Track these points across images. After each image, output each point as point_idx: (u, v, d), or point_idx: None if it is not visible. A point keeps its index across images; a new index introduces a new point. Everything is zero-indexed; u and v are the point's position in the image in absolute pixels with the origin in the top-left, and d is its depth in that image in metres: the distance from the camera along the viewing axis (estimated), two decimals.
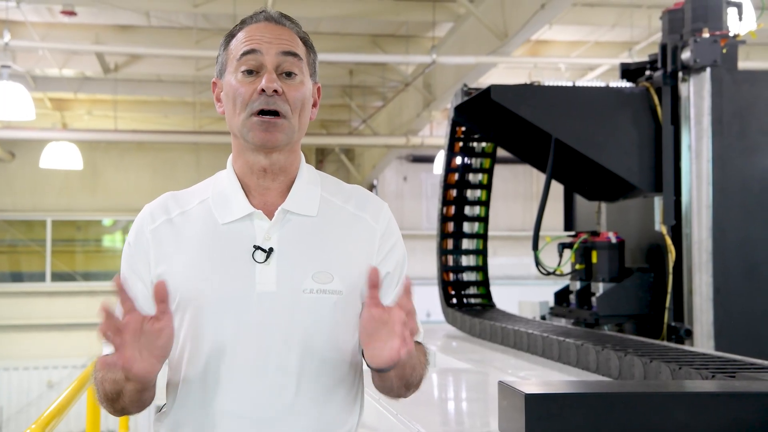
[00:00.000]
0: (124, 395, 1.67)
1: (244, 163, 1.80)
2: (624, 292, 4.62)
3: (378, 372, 1.71)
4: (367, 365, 1.73)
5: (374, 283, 1.60)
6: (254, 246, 1.74)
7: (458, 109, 5.19)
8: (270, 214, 1.77)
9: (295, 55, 1.76)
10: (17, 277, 14.34)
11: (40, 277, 14.08)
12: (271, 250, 1.73)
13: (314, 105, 1.85)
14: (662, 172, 4.50)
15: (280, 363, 1.70)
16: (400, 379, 1.75)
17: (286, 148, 1.78)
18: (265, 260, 1.73)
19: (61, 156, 11.41)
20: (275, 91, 1.72)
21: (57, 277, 14.08)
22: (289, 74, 1.75)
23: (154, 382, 1.67)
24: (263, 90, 1.72)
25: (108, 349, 1.77)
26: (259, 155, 1.77)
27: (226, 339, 1.70)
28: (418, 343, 1.87)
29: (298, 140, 1.81)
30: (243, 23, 1.80)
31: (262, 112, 1.73)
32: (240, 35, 1.78)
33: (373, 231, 1.83)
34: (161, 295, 1.58)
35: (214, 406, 1.71)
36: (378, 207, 1.87)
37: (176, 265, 1.74)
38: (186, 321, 1.72)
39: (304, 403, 1.72)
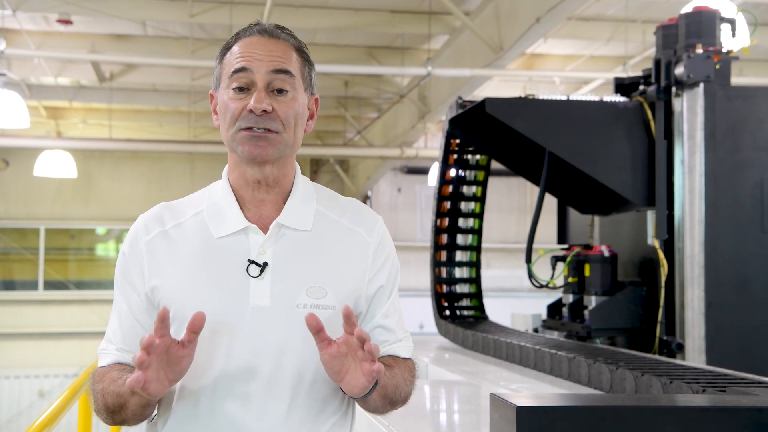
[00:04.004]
0: (127, 409, 1.68)
1: (239, 176, 1.80)
2: (616, 306, 4.62)
3: (360, 398, 1.71)
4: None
5: (317, 329, 1.60)
6: (248, 260, 1.74)
7: (453, 122, 5.20)
8: (265, 228, 1.77)
9: (286, 72, 1.75)
10: (9, 285, 14.29)
11: (32, 286, 14.05)
12: (265, 264, 1.73)
13: (311, 117, 1.85)
14: (655, 187, 4.52)
15: (273, 377, 1.70)
16: (383, 399, 1.75)
17: (280, 161, 1.78)
18: (260, 275, 1.73)
19: (56, 164, 11.41)
20: (264, 110, 1.72)
21: (49, 285, 14.05)
22: (280, 91, 1.75)
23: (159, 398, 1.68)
24: (252, 110, 1.72)
25: (105, 360, 1.77)
26: (253, 167, 1.77)
27: (219, 354, 1.70)
28: (406, 358, 1.87)
29: (291, 154, 1.81)
30: (237, 36, 1.80)
31: (251, 128, 1.73)
32: (234, 49, 1.78)
33: (367, 245, 1.83)
34: (196, 327, 1.58)
35: (207, 420, 1.71)
36: (372, 221, 1.87)
37: (171, 278, 1.74)
38: (180, 335, 1.72)
39: (297, 416, 1.72)
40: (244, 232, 1.76)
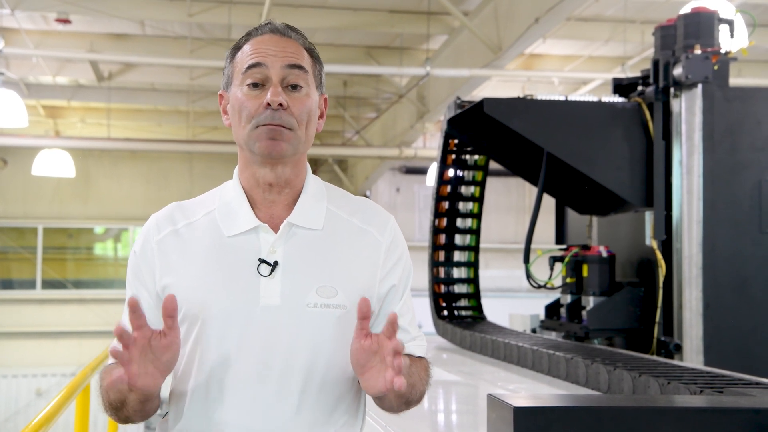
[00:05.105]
0: (128, 405, 1.69)
1: (250, 176, 1.80)
2: (614, 306, 4.63)
3: (377, 397, 1.71)
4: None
5: (364, 314, 1.59)
6: (259, 259, 1.73)
7: (451, 122, 5.20)
8: (276, 228, 1.77)
9: (300, 67, 1.76)
10: (7, 284, 14.29)
11: (30, 285, 14.04)
12: (276, 263, 1.73)
13: (321, 116, 1.85)
14: (653, 187, 4.52)
15: (282, 376, 1.70)
16: (399, 399, 1.76)
17: (292, 160, 1.78)
18: (270, 274, 1.72)
19: (54, 163, 11.41)
20: (280, 104, 1.72)
21: (47, 284, 14.05)
22: (294, 87, 1.75)
23: (158, 393, 1.68)
24: (269, 104, 1.72)
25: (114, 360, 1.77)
26: (264, 168, 1.77)
27: (229, 352, 1.70)
28: (420, 357, 1.87)
29: (304, 152, 1.81)
30: (248, 35, 1.80)
31: (267, 125, 1.73)
32: (246, 48, 1.78)
33: (379, 244, 1.82)
34: (170, 310, 1.58)
35: (216, 418, 1.71)
36: (384, 220, 1.86)
37: (182, 277, 1.74)
38: (191, 333, 1.73)
39: (307, 416, 1.72)
40: (255, 231, 1.76)
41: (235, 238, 1.76)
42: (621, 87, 4.93)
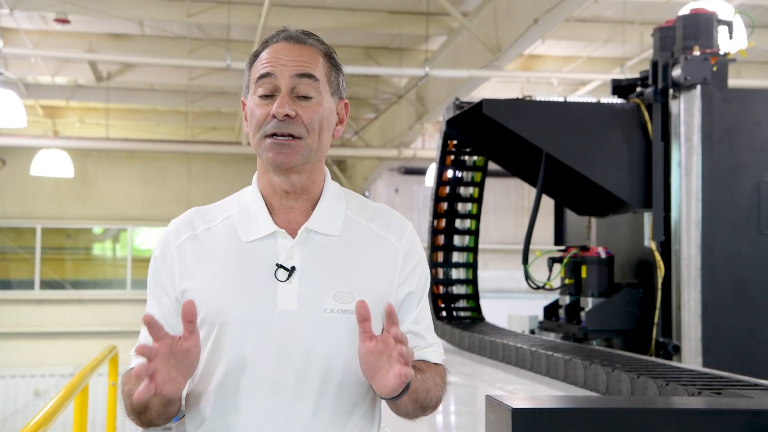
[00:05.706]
0: (151, 409, 1.70)
1: (267, 183, 1.81)
2: (613, 307, 4.63)
3: (391, 400, 1.71)
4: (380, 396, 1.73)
5: (363, 317, 1.60)
6: (276, 264, 1.74)
7: (450, 123, 5.20)
8: (293, 233, 1.77)
9: (310, 76, 1.76)
10: (6, 284, 14.28)
11: (28, 285, 14.03)
12: (293, 268, 1.74)
13: (340, 122, 1.85)
14: (652, 188, 4.53)
15: (299, 381, 1.71)
16: (414, 403, 1.75)
17: (306, 168, 1.78)
18: (287, 279, 1.73)
19: (52, 163, 11.40)
20: (287, 115, 1.72)
21: (46, 285, 14.04)
22: (304, 97, 1.75)
23: (180, 396, 1.69)
24: (275, 115, 1.73)
25: (135, 361, 1.78)
26: (279, 176, 1.78)
27: (246, 356, 1.71)
28: (436, 364, 1.87)
29: (318, 160, 1.81)
30: (266, 43, 1.81)
31: (275, 135, 1.74)
32: (262, 56, 1.79)
33: (396, 251, 1.82)
34: (190, 315, 1.60)
35: (232, 422, 1.72)
36: (402, 226, 1.86)
37: (200, 281, 1.75)
38: (209, 338, 1.74)
39: (323, 420, 1.72)
40: (273, 236, 1.77)
41: (253, 244, 1.77)
42: (620, 88, 4.93)
